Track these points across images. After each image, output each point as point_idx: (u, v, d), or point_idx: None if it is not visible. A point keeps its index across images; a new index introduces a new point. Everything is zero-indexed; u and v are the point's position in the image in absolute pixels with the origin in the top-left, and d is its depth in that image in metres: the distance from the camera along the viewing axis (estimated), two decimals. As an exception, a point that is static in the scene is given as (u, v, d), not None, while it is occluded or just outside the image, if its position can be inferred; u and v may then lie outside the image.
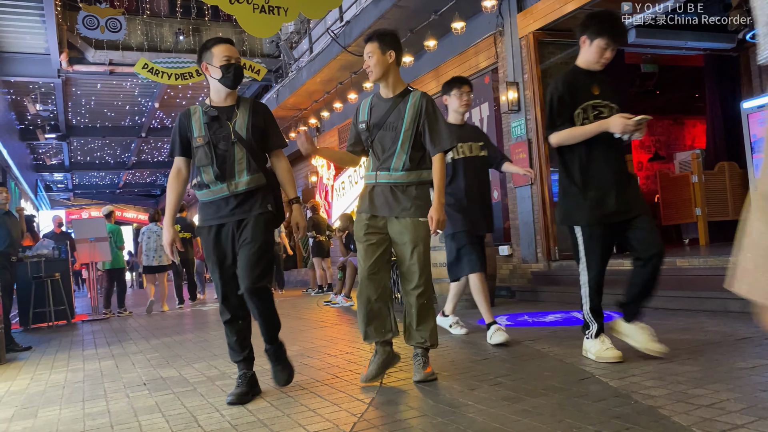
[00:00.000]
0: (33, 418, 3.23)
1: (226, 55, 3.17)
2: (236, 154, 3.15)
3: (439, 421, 2.48)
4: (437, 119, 3.22)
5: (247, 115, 3.21)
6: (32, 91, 14.05)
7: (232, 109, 3.24)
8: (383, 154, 3.24)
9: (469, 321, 5.40)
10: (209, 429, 2.70)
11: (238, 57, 3.23)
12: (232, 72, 3.17)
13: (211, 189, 3.18)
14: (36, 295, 8.56)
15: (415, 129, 3.19)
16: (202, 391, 3.48)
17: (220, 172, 3.13)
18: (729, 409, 2.29)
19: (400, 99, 3.25)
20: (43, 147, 19.63)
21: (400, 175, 3.21)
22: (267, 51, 14.60)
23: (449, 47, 8.80)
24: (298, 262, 15.87)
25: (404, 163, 3.19)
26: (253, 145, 3.19)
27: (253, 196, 3.18)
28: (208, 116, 3.18)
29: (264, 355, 3.39)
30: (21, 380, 4.45)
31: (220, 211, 3.18)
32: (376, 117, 3.27)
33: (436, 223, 3.10)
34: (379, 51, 3.24)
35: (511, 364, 3.44)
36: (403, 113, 3.21)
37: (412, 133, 3.19)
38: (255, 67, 11.96)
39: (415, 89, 3.31)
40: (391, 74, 3.28)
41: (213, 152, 3.13)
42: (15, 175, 14.86)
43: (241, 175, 3.15)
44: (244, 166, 3.15)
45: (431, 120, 3.20)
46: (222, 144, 3.15)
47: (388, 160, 3.22)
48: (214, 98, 3.27)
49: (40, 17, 10.43)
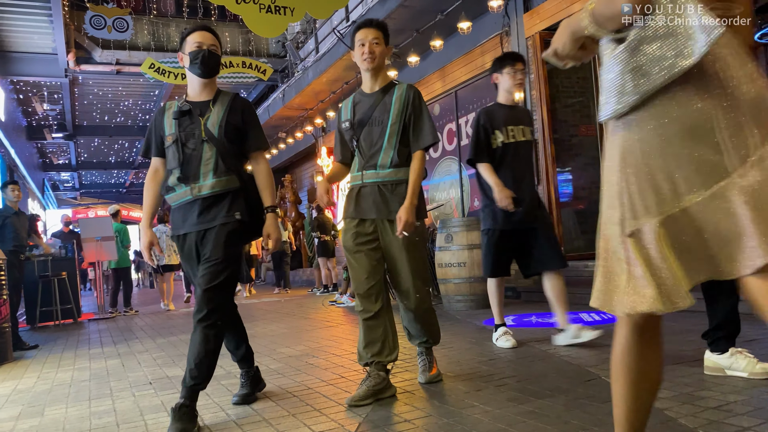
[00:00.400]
0: (40, 416, 3.25)
1: (197, 41, 2.89)
2: (204, 153, 2.86)
3: (445, 422, 2.48)
4: (422, 113, 3.03)
5: (222, 111, 2.93)
6: (40, 91, 14.12)
7: (208, 104, 2.95)
8: (369, 151, 3.02)
9: (474, 322, 5.40)
10: (215, 428, 2.70)
11: (213, 44, 2.93)
12: (200, 59, 2.87)
13: (176, 192, 2.91)
14: (43, 294, 8.60)
15: (402, 122, 3.00)
16: (207, 390, 3.48)
17: (184, 174, 2.85)
18: (736, 412, 2.28)
19: (385, 92, 3.06)
20: (50, 146, 19.73)
21: (388, 173, 3.00)
22: (273, 51, 14.63)
23: (455, 47, 8.79)
24: (303, 261, 15.90)
25: (392, 159, 2.99)
26: (225, 144, 2.88)
27: (219, 202, 2.87)
28: (179, 111, 2.91)
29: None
30: (28, 379, 4.47)
31: (185, 219, 2.90)
32: (361, 113, 3.07)
33: (403, 224, 2.86)
34: (384, 41, 3.06)
35: (516, 365, 3.43)
36: (389, 106, 3.01)
37: (399, 127, 3.00)
38: (261, 67, 11.97)
39: (401, 82, 3.13)
40: (383, 68, 3.11)
41: (180, 151, 2.85)
42: (22, 174, 14.93)
43: (206, 178, 2.85)
44: (211, 168, 2.85)
45: (416, 113, 3.02)
46: (191, 142, 2.87)
47: (375, 157, 3.01)
48: (190, 92, 3.00)
49: (47, 17, 10.48)
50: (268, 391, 3.32)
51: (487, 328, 5.01)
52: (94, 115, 17.09)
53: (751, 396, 2.47)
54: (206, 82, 2.96)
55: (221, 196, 2.87)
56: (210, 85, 2.99)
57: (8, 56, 11.94)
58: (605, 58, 1.42)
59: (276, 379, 3.60)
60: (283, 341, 5.21)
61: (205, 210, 2.85)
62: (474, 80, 8.70)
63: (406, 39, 8.89)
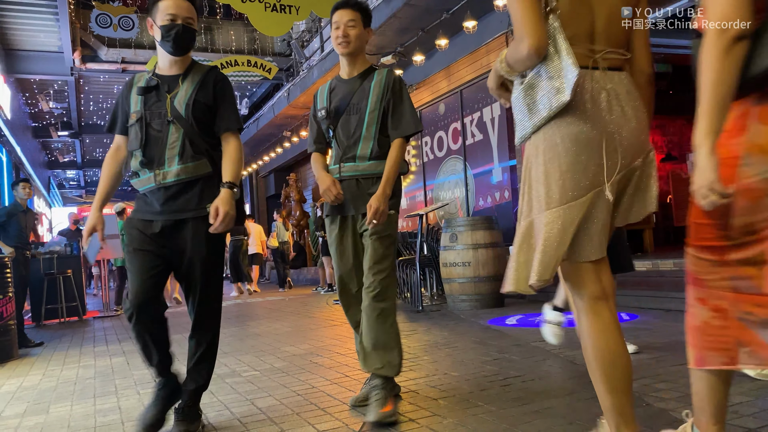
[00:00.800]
0: (45, 413, 3.26)
1: (170, 12, 2.52)
2: (170, 136, 2.55)
3: (449, 422, 2.47)
4: (403, 99, 2.79)
5: (191, 88, 2.61)
6: (45, 89, 14.17)
7: (177, 79, 2.64)
8: (347, 141, 2.79)
9: (479, 322, 5.39)
10: (219, 426, 2.71)
11: (189, 16, 2.57)
12: (173, 36, 2.53)
13: (140, 178, 2.61)
14: (48, 292, 8.63)
15: (381, 110, 2.76)
16: (211, 388, 3.49)
17: (146, 158, 2.56)
18: (741, 413, 2.27)
19: (363, 78, 2.83)
20: (55, 144, 19.79)
21: (367, 166, 2.76)
22: (278, 49, 14.64)
23: (461, 46, 8.78)
24: (307, 260, 15.91)
25: (372, 150, 2.75)
26: (193, 125, 2.57)
27: (187, 191, 2.57)
28: (145, 87, 2.61)
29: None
30: (33, 376, 4.49)
31: (150, 206, 2.60)
32: (337, 100, 2.83)
33: (372, 212, 2.60)
34: (362, 24, 2.79)
35: (521, 365, 3.42)
36: (368, 92, 2.77)
37: (378, 115, 2.75)
38: (266, 65, 11.99)
39: (382, 67, 2.89)
40: (361, 53, 2.85)
41: (144, 132, 2.55)
42: (28, 172, 14.99)
43: (170, 163, 2.54)
44: (176, 152, 2.54)
45: (396, 99, 2.77)
46: (156, 122, 2.57)
47: (353, 148, 2.77)
48: (161, 64, 2.68)
49: (53, 15, 10.51)
50: (272, 389, 3.32)
51: (491, 327, 5.00)
52: (99, 114, 17.13)
53: (757, 397, 2.46)
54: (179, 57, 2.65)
55: (190, 183, 2.57)
56: (183, 59, 2.67)
57: (14, 54, 11.98)
58: (513, 93, 1.80)
59: (280, 378, 3.60)
60: (288, 340, 5.22)
61: (170, 199, 2.56)
62: (479, 79, 8.68)
63: (411, 38, 8.88)
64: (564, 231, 1.63)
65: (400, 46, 9.12)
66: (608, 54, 1.69)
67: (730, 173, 1.43)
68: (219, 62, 11.69)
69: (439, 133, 10.11)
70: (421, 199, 10.78)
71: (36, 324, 8.65)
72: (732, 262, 1.48)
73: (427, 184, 10.63)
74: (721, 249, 1.50)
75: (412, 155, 10.99)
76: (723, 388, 1.60)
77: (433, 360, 3.79)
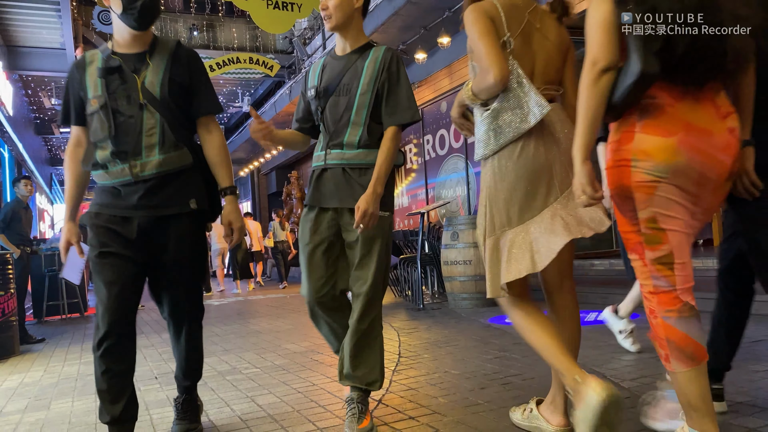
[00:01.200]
0: (46, 409, 3.26)
1: None
2: (145, 121, 2.23)
3: (449, 420, 2.48)
4: (400, 81, 2.41)
5: (163, 66, 2.30)
6: (47, 86, 14.18)
7: (143, 57, 2.30)
8: (334, 126, 2.43)
9: (479, 320, 5.40)
10: (219, 423, 2.71)
11: None
12: (138, 7, 2.20)
13: (108, 170, 2.25)
14: (50, 288, 8.65)
15: (374, 92, 2.39)
16: (212, 385, 3.50)
17: (119, 148, 2.21)
18: (742, 413, 2.27)
19: (358, 55, 2.46)
20: (57, 141, 19.81)
21: (355, 154, 2.40)
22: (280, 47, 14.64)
23: (463, 44, 8.67)
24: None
25: (361, 137, 2.39)
26: (172, 108, 2.28)
27: (168, 184, 2.28)
28: (105, 68, 2.25)
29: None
30: (34, 372, 4.50)
31: (124, 200, 2.26)
32: (329, 79, 2.47)
33: (360, 215, 2.25)
34: None
35: (521, 364, 3.42)
36: (360, 72, 2.41)
37: (370, 98, 2.39)
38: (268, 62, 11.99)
39: (380, 44, 2.51)
40: (353, 24, 2.46)
41: (111, 119, 2.21)
42: (30, 169, 15.01)
43: (150, 153, 2.24)
44: (156, 140, 2.24)
45: (392, 80, 2.40)
46: (125, 107, 2.23)
47: (340, 134, 2.42)
48: (119, 40, 2.31)
49: (56, 12, 10.52)
50: (273, 387, 3.33)
51: (492, 325, 5.00)
52: (101, 110, 17.15)
53: (756, 397, 2.46)
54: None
55: (171, 176, 2.28)
56: (145, 34, 2.33)
57: (16, 51, 12.00)
58: (477, 119, 2.10)
59: (281, 375, 3.61)
60: (288, 337, 5.23)
61: (149, 193, 2.25)
62: (481, 78, 8.67)
63: (413, 36, 8.87)
64: (522, 245, 1.98)
65: (402, 44, 9.12)
66: (546, 90, 2.05)
67: (626, 173, 1.76)
68: (221, 59, 11.69)
69: (441, 131, 10.11)
70: (423, 197, 10.78)
71: (37, 320, 8.67)
72: (652, 262, 1.78)
73: (428, 183, 10.63)
74: (640, 246, 1.81)
75: (414, 153, 10.99)
76: (701, 380, 1.73)
77: (434, 358, 3.79)
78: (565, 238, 1.94)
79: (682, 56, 1.66)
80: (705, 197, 1.77)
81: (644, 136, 1.74)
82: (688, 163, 1.70)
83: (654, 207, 1.75)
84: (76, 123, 2.35)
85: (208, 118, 2.42)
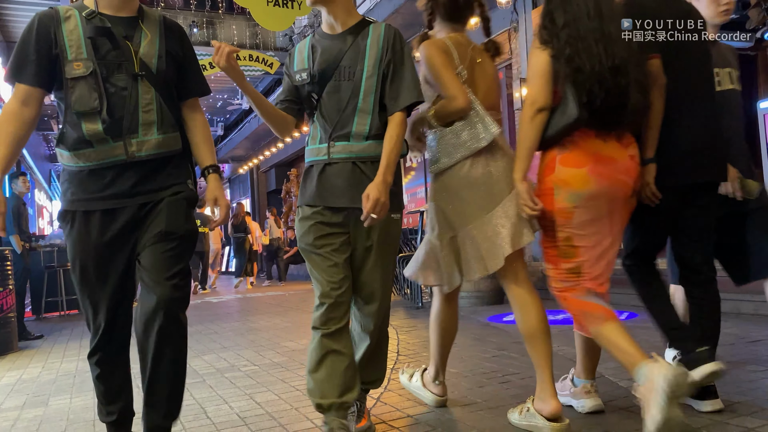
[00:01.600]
0: (44, 406, 3.26)
1: None
2: (141, 96, 1.99)
3: (447, 418, 2.48)
4: (404, 61, 2.18)
5: (158, 36, 2.06)
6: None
7: (135, 23, 2.04)
8: (338, 115, 2.17)
9: (478, 319, 5.39)
10: (218, 421, 2.71)
11: None
12: None
13: (95, 149, 1.96)
14: (48, 284, 8.65)
15: (380, 75, 2.16)
16: (210, 383, 3.50)
17: (113, 123, 1.94)
18: (740, 412, 2.28)
19: (355, 34, 2.19)
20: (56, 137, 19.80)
21: (366, 146, 2.16)
22: (280, 44, 14.61)
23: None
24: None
25: (370, 126, 2.16)
26: (168, 83, 2.06)
27: (164, 167, 2.05)
28: (93, 28, 1.96)
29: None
30: (33, 368, 4.50)
31: (110, 187, 1.98)
32: (325, 61, 2.18)
33: (371, 204, 2.01)
34: None
35: (520, 363, 3.42)
36: (363, 53, 2.16)
37: (377, 81, 2.15)
38: (268, 60, 11.97)
39: (376, 20, 2.28)
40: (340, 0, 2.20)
41: (101, 89, 1.94)
42: (29, 165, 15.00)
43: (147, 131, 1.99)
44: (154, 118, 2.00)
45: (398, 61, 2.17)
46: (117, 78, 1.96)
47: (346, 124, 2.16)
48: (102, 1, 2.02)
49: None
50: (271, 384, 3.33)
51: (490, 324, 5.00)
52: (101, 107, 17.14)
53: (755, 397, 2.46)
54: None
55: (167, 159, 2.06)
56: None
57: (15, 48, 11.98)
58: (430, 136, 2.45)
59: (279, 373, 3.61)
60: (287, 335, 5.23)
61: (145, 178, 2.01)
62: (481, 76, 8.67)
63: (414, 34, 8.86)
64: (477, 244, 2.32)
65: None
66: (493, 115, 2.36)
67: (550, 199, 2.15)
68: (221, 56, 11.64)
69: (441, 129, 10.09)
70: (422, 195, 10.78)
71: (36, 317, 8.67)
72: (563, 270, 2.19)
73: (428, 181, 10.63)
74: (556, 259, 2.20)
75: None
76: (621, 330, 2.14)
77: (432, 356, 3.78)
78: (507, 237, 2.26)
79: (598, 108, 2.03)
80: (617, 210, 2.18)
81: (562, 167, 2.13)
82: (598, 188, 2.09)
83: (570, 228, 2.14)
84: (34, 83, 1.97)
85: (194, 101, 2.20)
